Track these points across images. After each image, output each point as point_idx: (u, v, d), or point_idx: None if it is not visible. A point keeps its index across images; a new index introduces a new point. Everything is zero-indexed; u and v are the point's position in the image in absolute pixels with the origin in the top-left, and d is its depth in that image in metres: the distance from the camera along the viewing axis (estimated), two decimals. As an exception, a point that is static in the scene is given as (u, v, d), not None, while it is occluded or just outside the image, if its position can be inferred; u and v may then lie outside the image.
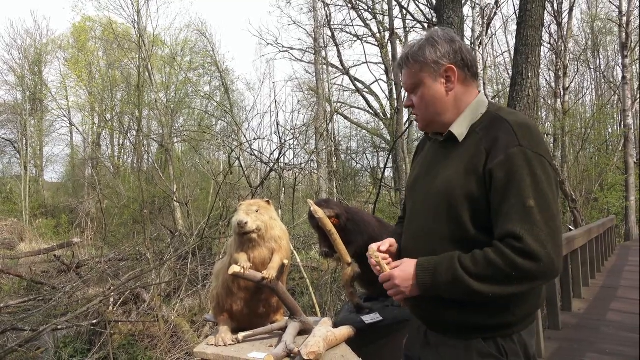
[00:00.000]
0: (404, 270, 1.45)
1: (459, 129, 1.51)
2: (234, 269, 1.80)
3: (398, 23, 18.74)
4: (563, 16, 17.94)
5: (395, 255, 1.63)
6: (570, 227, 13.42)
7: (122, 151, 27.23)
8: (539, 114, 18.77)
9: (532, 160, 1.37)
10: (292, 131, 11.20)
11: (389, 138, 20.24)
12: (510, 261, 1.31)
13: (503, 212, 1.36)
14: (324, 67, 20.11)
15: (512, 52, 6.56)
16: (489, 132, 1.45)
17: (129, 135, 24.87)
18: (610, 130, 23.28)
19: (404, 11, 17.57)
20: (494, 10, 16.82)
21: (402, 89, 1.69)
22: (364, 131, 23.50)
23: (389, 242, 1.63)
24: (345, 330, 1.92)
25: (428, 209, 1.53)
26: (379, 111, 21.20)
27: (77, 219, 19.69)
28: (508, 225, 1.34)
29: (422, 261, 1.44)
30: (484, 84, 16.24)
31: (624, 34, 17.69)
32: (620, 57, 19.16)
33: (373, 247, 1.57)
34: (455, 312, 1.44)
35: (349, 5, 18.42)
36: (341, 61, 20.60)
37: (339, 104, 22.44)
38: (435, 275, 1.39)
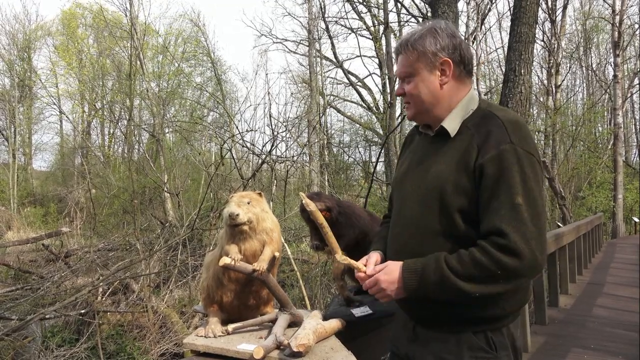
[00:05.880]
0: (389, 274, 1.44)
1: (451, 125, 1.51)
2: (225, 260, 1.79)
3: (392, 17, 18.71)
4: (557, 14, 18.03)
5: (382, 258, 1.62)
6: (558, 224, 13.57)
7: (113, 140, 26.99)
8: (531, 111, 18.90)
9: (522, 158, 1.38)
10: (284, 123, 11.16)
11: (381, 132, 20.27)
12: (494, 259, 1.32)
13: (491, 207, 1.37)
14: (318, 59, 20.04)
15: (506, 49, 6.56)
16: (480, 128, 1.45)
17: (119, 124, 24.64)
18: (600, 128, 23.50)
19: (399, 5, 17.55)
20: (488, 7, 16.86)
21: (396, 75, 1.68)
22: (357, 125, 23.49)
23: (374, 258, 1.60)
24: (335, 323, 1.92)
25: (418, 203, 1.52)
26: (372, 105, 21.19)
27: (66, 208, 19.54)
28: (495, 221, 1.35)
29: (409, 263, 1.43)
30: (477, 79, 16.29)
31: (616, 32, 17.80)
32: (612, 56, 19.31)
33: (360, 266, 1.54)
34: (447, 307, 1.45)
35: (344, -2, 18.34)
36: (335, 54, 20.54)
37: (332, 97, 22.40)
38: (423, 277, 1.39)
